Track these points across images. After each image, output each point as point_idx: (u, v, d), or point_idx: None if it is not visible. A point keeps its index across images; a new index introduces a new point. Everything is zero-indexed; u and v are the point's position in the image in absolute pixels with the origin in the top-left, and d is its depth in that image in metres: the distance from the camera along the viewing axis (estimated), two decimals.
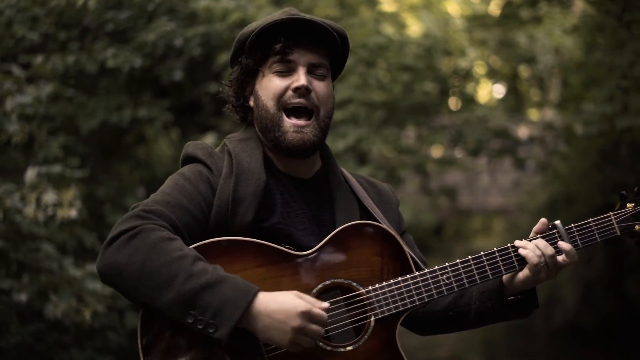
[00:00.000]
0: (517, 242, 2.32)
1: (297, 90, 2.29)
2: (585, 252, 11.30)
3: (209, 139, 7.17)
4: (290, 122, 2.30)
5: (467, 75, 9.45)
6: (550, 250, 2.28)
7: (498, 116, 11.79)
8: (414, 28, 14.14)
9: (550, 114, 15.27)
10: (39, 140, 5.99)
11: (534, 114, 20.58)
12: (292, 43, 2.31)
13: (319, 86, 2.35)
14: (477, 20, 10.38)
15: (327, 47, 2.39)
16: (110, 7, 7.50)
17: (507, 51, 12.18)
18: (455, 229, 19.22)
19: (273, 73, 2.31)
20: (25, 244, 5.50)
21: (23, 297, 5.30)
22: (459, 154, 11.00)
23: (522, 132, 13.31)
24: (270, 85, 2.31)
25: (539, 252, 2.27)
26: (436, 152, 10.95)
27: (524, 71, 19.15)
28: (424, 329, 2.53)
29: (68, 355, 6.58)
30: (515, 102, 20.71)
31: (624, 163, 9.79)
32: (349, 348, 2.19)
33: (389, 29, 7.89)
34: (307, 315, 2.05)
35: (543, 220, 2.36)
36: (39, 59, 6.42)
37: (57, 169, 5.42)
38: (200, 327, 2.02)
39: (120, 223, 2.14)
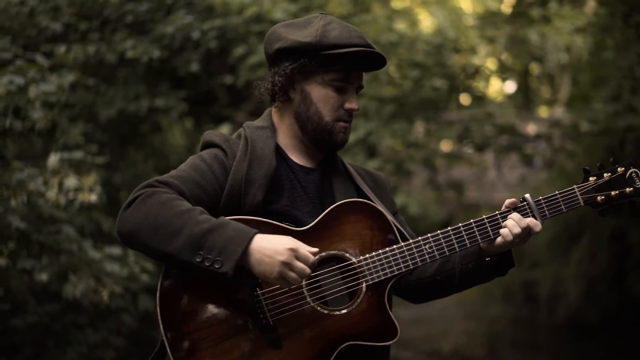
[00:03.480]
0: (509, 215, 2.56)
1: (350, 110, 2.59)
2: (590, 249, 11.40)
3: (225, 129, 7.31)
4: (340, 125, 2.59)
5: (476, 72, 9.55)
6: (523, 223, 2.52)
7: (507, 113, 11.89)
8: (426, 23, 14.24)
9: (559, 111, 15.33)
10: (61, 127, 6.16)
11: (543, 112, 20.63)
12: (361, 70, 2.63)
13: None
14: (488, 18, 10.47)
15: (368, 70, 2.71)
16: (130, 0, 7.64)
17: (518, 48, 12.25)
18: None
19: (330, 85, 2.57)
20: (46, 227, 5.64)
21: (44, 277, 5.48)
22: (467, 149, 11.12)
23: (531, 129, 13.38)
24: (328, 97, 2.57)
25: (524, 225, 2.52)
26: (445, 147, 11.06)
27: (534, 68, 19.19)
28: (417, 296, 2.76)
29: (83, 336, 6.76)
30: (525, 99, 20.76)
31: None
32: (344, 311, 2.43)
33: (400, 26, 7.99)
34: (294, 252, 2.30)
35: (512, 199, 2.62)
36: (61, 49, 6.57)
37: (78, 155, 5.54)
38: (207, 264, 2.28)
39: (135, 191, 2.40)
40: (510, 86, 20.50)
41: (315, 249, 2.39)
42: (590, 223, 11.03)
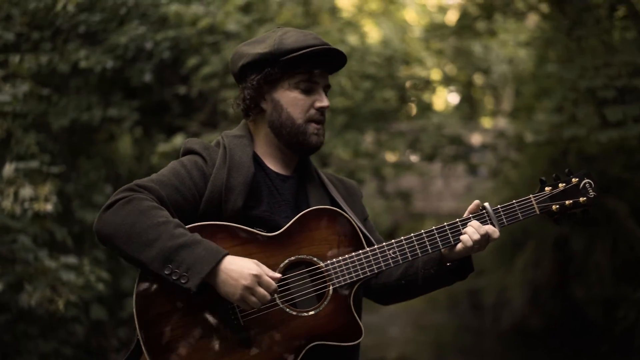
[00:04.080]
0: (469, 222, 2.68)
1: (320, 109, 2.69)
2: (534, 257, 11.59)
3: (179, 139, 7.35)
4: (313, 127, 2.69)
5: (426, 84, 9.72)
6: (482, 230, 2.64)
7: (453, 124, 12.08)
8: (373, 34, 14.41)
9: (503, 122, 15.60)
10: (15, 137, 6.15)
11: (487, 122, 20.93)
12: (324, 69, 2.71)
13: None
14: (434, 31, 10.66)
15: (333, 70, 2.81)
16: (83, 10, 7.60)
17: (463, 59, 12.48)
18: (408, 232, 19.37)
19: (297, 89, 2.68)
20: (1, 236, 5.65)
21: None
22: (414, 159, 11.27)
23: (476, 139, 13.60)
24: (297, 100, 2.68)
25: (483, 232, 2.65)
26: (391, 157, 11.17)
27: (478, 79, 19.48)
28: (384, 298, 2.91)
29: (34, 346, 6.71)
30: (469, 110, 21.05)
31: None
32: (311, 313, 2.55)
33: (351, 38, 8.10)
34: (257, 279, 2.42)
35: (477, 202, 2.74)
36: (16, 59, 6.55)
37: (34, 164, 5.56)
38: (174, 278, 2.39)
39: (116, 193, 2.50)
40: (454, 97, 20.79)
41: (278, 275, 2.50)
42: (534, 231, 11.23)
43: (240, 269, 2.41)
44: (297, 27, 7.72)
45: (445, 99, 20.12)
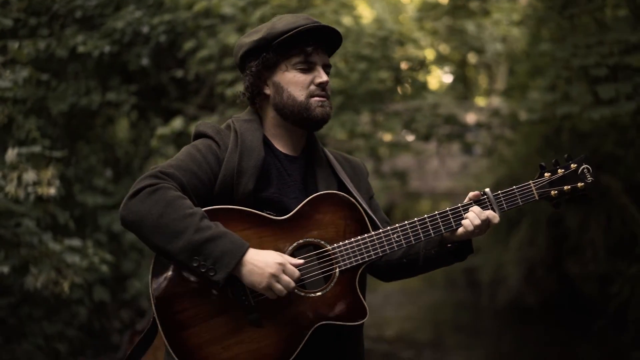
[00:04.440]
0: (470, 207, 2.77)
1: (320, 84, 2.75)
2: (529, 234, 11.68)
3: (177, 122, 7.41)
4: (316, 100, 2.76)
5: (421, 64, 9.76)
6: (483, 215, 2.74)
7: (447, 103, 12.13)
8: (366, 14, 14.40)
9: (497, 101, 15.65)
10: (17, 123, 6.21)
11: (481, 101, 20.99)
12: (317, 47, 2.77)
13: (329, 81, 2.83)
14: (427, 11, 10.68)
15: (331, 48, 2.88)
16: None
17: (457, 39, 12.50)
18: (404, 211, 19.51)
19: (294, 69, 2.75)
20: (5, 220, 5.71)
21: (5, 269, 5.52)
22: (409, 138, 11.32)
23: (470, 118, 13.65)
24: (296, 79, 2.75)
25: (484, 217, 2.74)
26: (387, 137, 11.22)
27: (472, 58, 19.52)
28: (386, 276, 3.01)
29: (39, 328, 6.81)
30: (464, 89, 21.12)
31: (565, 148, 10.21)
32: (319, 294, 2.64)
33: (346, 19, 8.14)
34: (282, 267, 2.53)
35: (476, 192, 2.82)
36: (15, 45, 6.59)
37: (36, 149, 5.60)
38: (202, 270, 2.48)
39: (141, 179, 2.58)
40: (448, 77, 20.85)
41: (301, 261, 2.61)
42: (529, 210, 11.33)
43: (265, 258, 2.52)
44: (291, 10, 7.78)
45: (440, 78, 20.16)
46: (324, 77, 2.78)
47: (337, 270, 2.68)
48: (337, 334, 2.73)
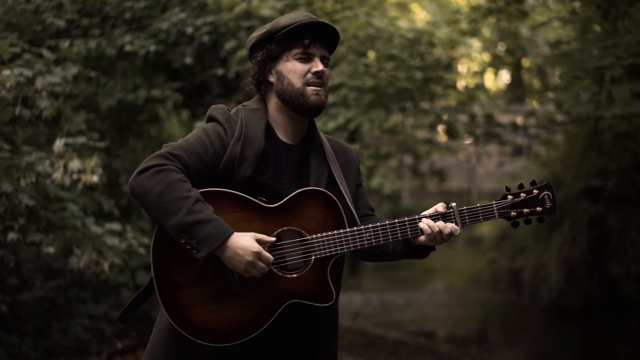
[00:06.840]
0: (423, 219, 3.10)
1: (316, 73, 3.11)
2: (570, 235, 11.63)
3: None
4: (311, 89, 3.11)
5: (448, 66, 9.79)
6: (443, 226, 3.07)
7: (499, 105, 12.10)
8: (420, 16, 14.56)
9: (549, 102, 15.50)
10: (65, 116, 6.63)
11: (533, 103, 20.86)
12: (315, 40, 3.13)
13: (326, 71, 3.18)
14: (479, 12, 10.71)
15: (330, 44, 3.23)
16: None
17: (510, 41, 12.57)
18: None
19: (294, 59, 3.12)
20: (52, 205, 6.14)
21: (51, 249, 5.97)
22: (446, 138, 11.37)
23: (518, 119, 13.63)
24: (295, 68, 3.11)
25: (436, 229, 3.07)
26: (421, 134, 11.26)
27: (526, 62, 19.48)
28: (363, 257, 3.40)
29: (86, 309, 7.17)
30: (519, 91, 21.04)
31: (606, 150, 10.25)
32: (294, 275, 3.02)
33: (379, 22, 8.34)
34: (258, 255, 2.89)
35: (442, 204, 3.15)
36: (66, 44, 6.98)
37: (81, 140, 6.02)
38: (188, 247, 2.86)
39: (151, 158, 2.95)
40: (504, 78, 20.83)
41: (273, 239, 2.97)
42: (571, 210, 11.33)
43: (243, 246, 2.88)
44: (327, 12, 8.03)
45: (494, 80, 20.16)
46: (319, 67, 3.11)
47: (313, 257, 3.03)
48: (308, 313, 3.10)
